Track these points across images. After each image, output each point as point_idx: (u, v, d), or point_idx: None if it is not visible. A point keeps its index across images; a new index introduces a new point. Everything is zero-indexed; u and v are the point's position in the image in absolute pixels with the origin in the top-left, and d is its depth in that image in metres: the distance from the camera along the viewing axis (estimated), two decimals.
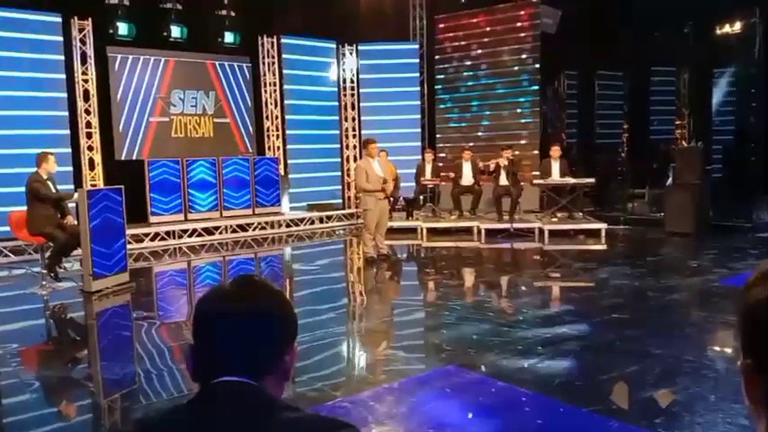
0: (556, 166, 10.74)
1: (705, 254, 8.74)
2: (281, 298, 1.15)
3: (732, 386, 3.84)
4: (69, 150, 9.92)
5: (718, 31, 14.12)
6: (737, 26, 13.76)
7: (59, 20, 9.92)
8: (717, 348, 5.07)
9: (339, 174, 13.44)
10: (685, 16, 13.79)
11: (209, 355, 1.10)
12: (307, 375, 4.37)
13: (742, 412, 3.40)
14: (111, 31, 10.56)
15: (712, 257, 8.42)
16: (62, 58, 9.97)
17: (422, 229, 10.87)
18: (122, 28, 10.58)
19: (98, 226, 6.96)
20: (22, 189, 7.29)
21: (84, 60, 10.42)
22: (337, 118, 13.39)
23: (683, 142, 14.45)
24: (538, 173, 11.33)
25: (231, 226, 11.25)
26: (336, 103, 13.35)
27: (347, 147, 13.52)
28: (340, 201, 13.25)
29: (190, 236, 10.71)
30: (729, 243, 9.19)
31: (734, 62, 14.93)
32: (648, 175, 12.95)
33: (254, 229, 11.47)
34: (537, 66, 12.63)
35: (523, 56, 12.76)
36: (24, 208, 7.27)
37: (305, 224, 12.08)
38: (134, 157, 11.12)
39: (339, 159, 13.46)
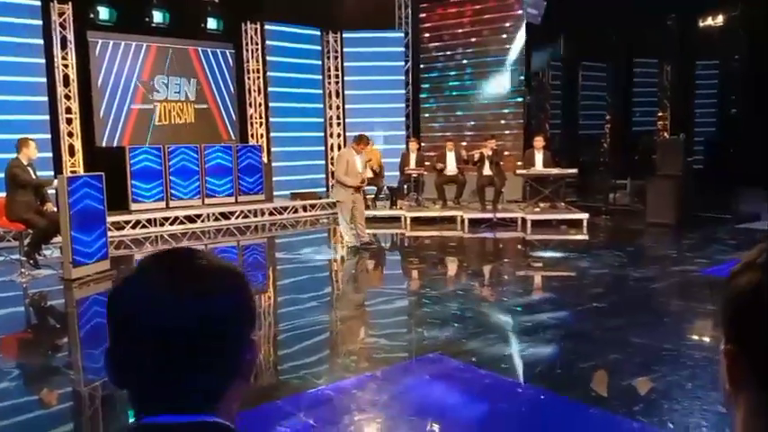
0: (539, 157, 10.78)
1: (685, 244, 8.84)
2: (234, 281, 0.82)
3: (710, 374, 3.90)
4: (49, 136, 9.77)
5: (701, 24, 14.24)
6: (720, 19, 13.88)
7: (39, 3, 9.74)
8: (695, 337, 5.14)
9: (323, 162, 13.39)
10: (668, 9, 13.88)
11: (138, 380, 0.78)
12: (289, 363, 4.36)
13: (719, 399, 3.45)
14: (91, 15, 10.40)
15: (692, 248, 8.51)
16: (41, 42, 9.80)
17: (405, 219, 10.88)
18: (103, 12, 10.42)
19: (78, 213, 6.88)
20: (1, 175, 7.19)
21: (64, 45, 10.25)
22: (321, 106, 13.32)
23: (665, 134, 14.58)
24: (521, 163, 11.37)
25: (213, 214, 11.18)
26: (321, 91, 13.27)
27: (331, 135, 13.46)
28: (324, 189, 13.20)
29: (171, 224, 10.62)
30: (709, 234, 9.30)
31: (716, 55, 15.07)
32: (630, 167, 13.06)
33: (236, 218, 11.41)
34: (521, 56, 12.63)
35: (508, 46, 12.75)
36: (2, 194, 7.17)
37: (288, 213, 12.04)
38: (115, 144, 10.99)
39: (323, 148, 13.41)
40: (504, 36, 12.77)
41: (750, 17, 12.98)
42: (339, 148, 13.07)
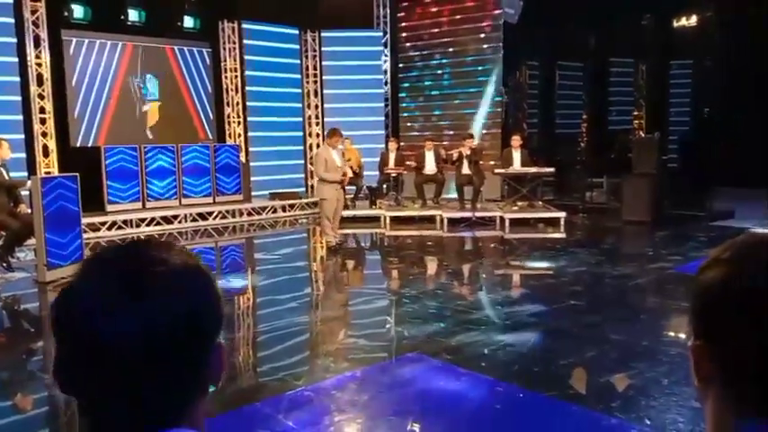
0: (517, 156, 10.86)
1: (661, 242, 8.96)
2: (201, 279, 0.75)
3: (686, 370, 3.95)
4: (22, 136, 9.60)
5: (676, 24, 14.44)
6: (694, 19, 14.09)
7: (11, 1, 9.56)
8: (671, 333, 5.20)
9: (302, 162, 13.34)
10: (644, 8, 14.06)
11: (96, 391, 0.71)
12: (268, 365, 4.34)
13: (694, 395, 3.49)
14: (65, 13, 10.24)
15: (667, 245, 8.63)
16: (14, 40, 9.62)
17: (385, 218, 10.88)
18: (77, 11, 10.28)
19: (52, 214, 6.78)
20: None
21: (37, 44, 10.07)
22: (300, 105, 13.27)
23: (641, 132, 14.76)
24: (493, 162, 11.45)
25: (191, 214, 11.07)
26: (299, 90, 13.22)
27: (310, 134, 13.42)
28: (303, 189, 13.15)
29: (148, 225, 10.50)
30: (684, 231, 9.43)
31: (690, 55, 15.29)
32: (607, 165, 13.18)
33: (214, 218, 11.32)
34: (499, 55, 12.70)
35: (485, 45, 12.81)
36: None
37: (267, 213, 11.97)
38: (90, 144, 10.84)
39: (302, 147, 13.36)
40: (482, 36, 12.83)
41: (723, 17, 13.19)
42: (318, 147, 13.04)
